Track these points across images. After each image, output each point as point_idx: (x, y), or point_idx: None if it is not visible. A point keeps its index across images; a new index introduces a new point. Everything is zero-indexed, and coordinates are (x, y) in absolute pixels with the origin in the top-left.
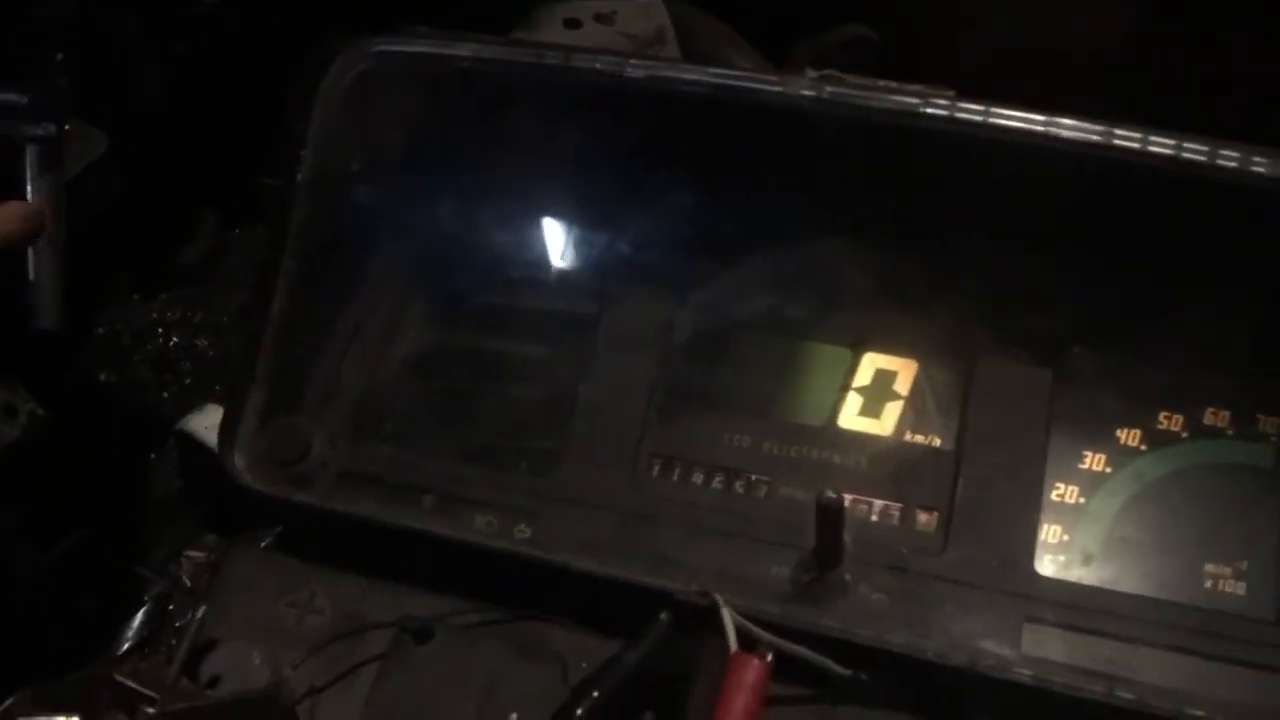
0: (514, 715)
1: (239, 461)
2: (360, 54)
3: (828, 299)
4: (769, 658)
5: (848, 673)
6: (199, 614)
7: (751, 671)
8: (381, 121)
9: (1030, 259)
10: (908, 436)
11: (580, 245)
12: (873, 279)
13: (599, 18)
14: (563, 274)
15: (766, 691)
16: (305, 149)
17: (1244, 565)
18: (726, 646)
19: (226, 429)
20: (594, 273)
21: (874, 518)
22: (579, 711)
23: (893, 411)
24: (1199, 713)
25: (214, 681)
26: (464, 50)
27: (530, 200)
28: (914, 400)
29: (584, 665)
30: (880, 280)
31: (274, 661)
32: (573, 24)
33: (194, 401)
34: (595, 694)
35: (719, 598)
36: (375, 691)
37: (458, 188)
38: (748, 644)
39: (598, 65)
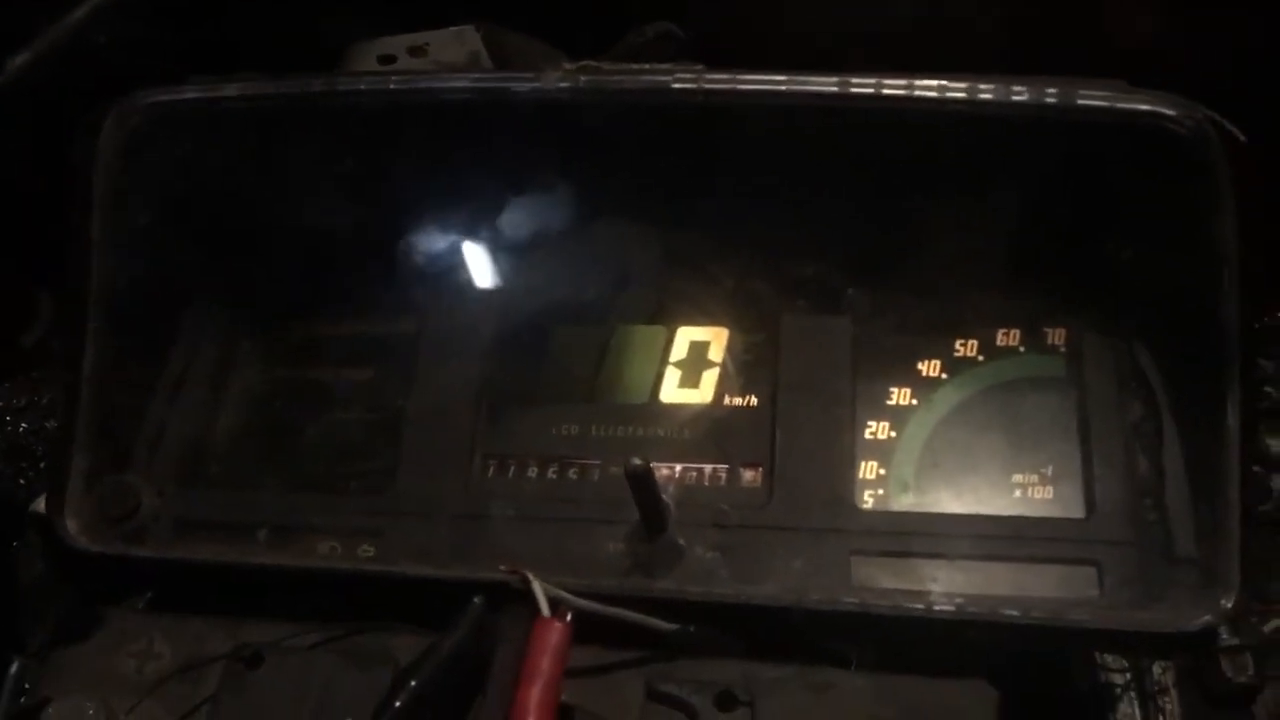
0: None
1: (71, 526)
2: (131, 109)
3: (630, 281)
4: (568, 618)
5: (673, 627)
6: (13, 670)
7: (553, 634)
8: (165, 171)
9: (804, 212)
10: (726, 400)
11: (390, 265)
12: (668, 255)
13: (412, 51)
14: (378, 296)
15: (568, 652)
16: (92, 210)
17: (1049, 471)
18: (529, 614)
19: (53, 495)
20: (409, 290)
21: (704, 483)
22: (397, 704)
23: (710, 379)
24: (1014, 612)
25: None
26: (232, 91)
27: (333, 227)
28: (728, 365)
29: None
30: (676, 254)
31: (109, 710)
32: (387, 60)
33: None
34: (413, 684)
35: (528, 573)
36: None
37: (257, 225)
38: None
39: (362, 86)
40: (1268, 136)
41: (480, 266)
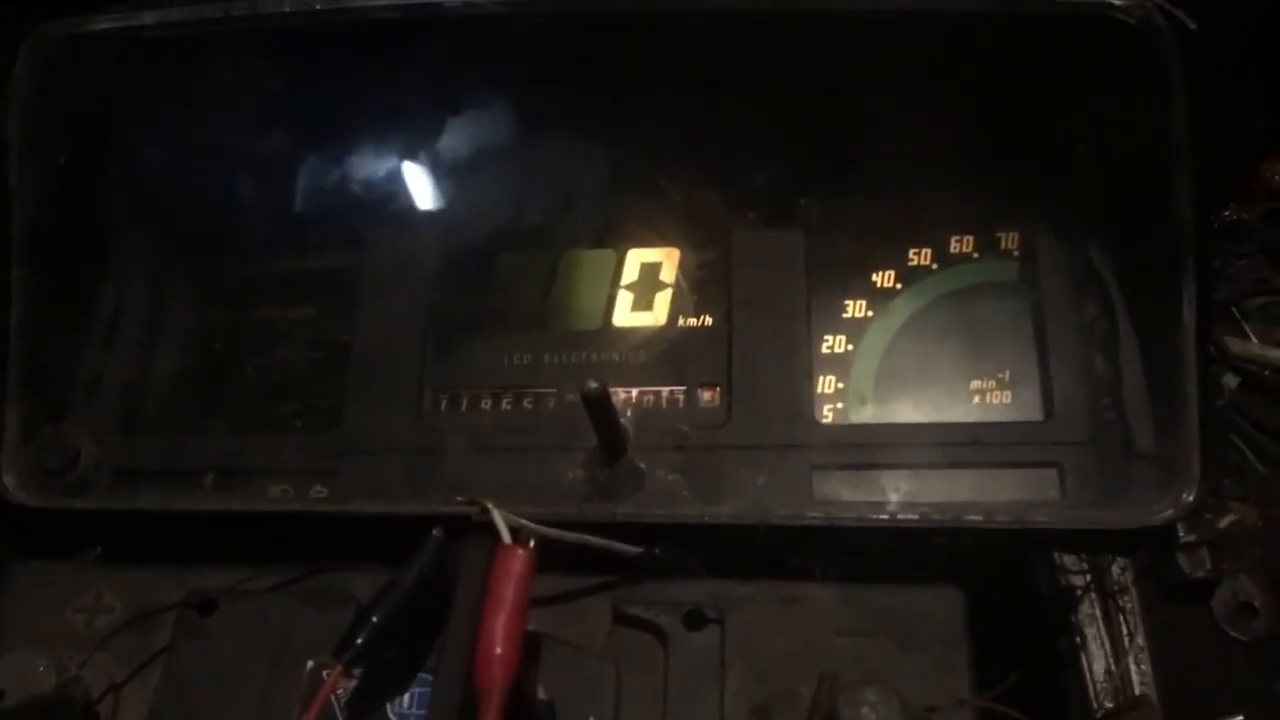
0: (310, 662)
1: (9, 481)
2: (42, 43)
3: (577, 201)
4: (531, 544)
5: (638, 550)
6: None
7: (517, 561)
8: (83, 105)
9: (751, 120)
10: (680, 322)
11: (326, 197)
12: (615, 173)
13: None
14: (316, 228)
15: (532, 579)
16: (8, 153)
17: (1006, 375)
18: (491, 543)
19: None
20: (348, 222)
21: (662, 405)
22: (359, 640)
23: (663, 301)
24: (976, 517)
25: None
26: (148, 19)
27: (262, 159)
28: (681, 286)
29: None
30: (622, 173)
31: (60, 665)
32: None
33: None
34: (375, 619)
35: (487, 502)
36: (166, 669)
37: (183, 158)
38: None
39: (286, 8)
40: (1219, 25)
41: (420, 193)
